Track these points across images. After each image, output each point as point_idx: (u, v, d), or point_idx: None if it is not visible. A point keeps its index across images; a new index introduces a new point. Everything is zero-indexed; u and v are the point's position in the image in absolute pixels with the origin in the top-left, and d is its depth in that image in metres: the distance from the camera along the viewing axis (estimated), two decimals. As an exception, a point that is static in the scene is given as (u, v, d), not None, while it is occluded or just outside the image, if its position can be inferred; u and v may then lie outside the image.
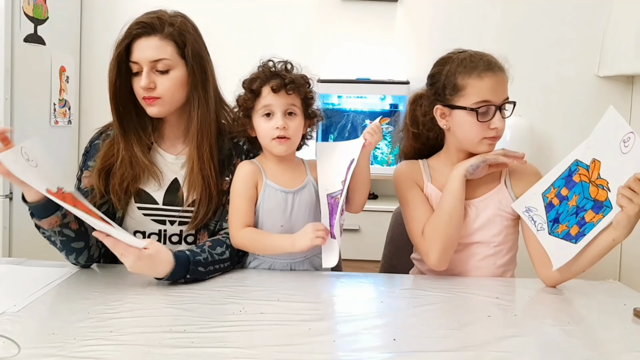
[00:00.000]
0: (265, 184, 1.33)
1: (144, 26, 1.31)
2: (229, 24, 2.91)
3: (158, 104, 1.33)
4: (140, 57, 1.31)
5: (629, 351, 0.93)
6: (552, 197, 1.30)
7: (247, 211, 1.32)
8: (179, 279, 1.21)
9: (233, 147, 1.42)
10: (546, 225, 1.29)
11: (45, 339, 0.91)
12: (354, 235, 2.50)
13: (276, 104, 1.30)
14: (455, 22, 2.86)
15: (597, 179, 1.22)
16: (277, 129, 1.29)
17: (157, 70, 1.31)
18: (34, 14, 2.38)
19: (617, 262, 2.83)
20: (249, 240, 1.31)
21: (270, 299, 1.15)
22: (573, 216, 1.25)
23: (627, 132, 1.18)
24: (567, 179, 1.28)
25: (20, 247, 2.28)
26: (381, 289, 1.28)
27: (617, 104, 2.80)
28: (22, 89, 2.30)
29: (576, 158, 1.28)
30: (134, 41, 1.31)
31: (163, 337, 0.93)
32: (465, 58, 1.34)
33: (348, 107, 2.79)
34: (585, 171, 1.26)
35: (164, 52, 1.31)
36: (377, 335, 1.00)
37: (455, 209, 1.32)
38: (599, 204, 1.22)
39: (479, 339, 0.98)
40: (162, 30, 1.31)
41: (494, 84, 1.30)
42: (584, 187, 1.25)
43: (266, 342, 0.93)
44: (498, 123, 1.30)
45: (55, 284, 1.21)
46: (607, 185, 1.20)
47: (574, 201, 1.26)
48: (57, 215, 1.21)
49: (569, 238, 1.25)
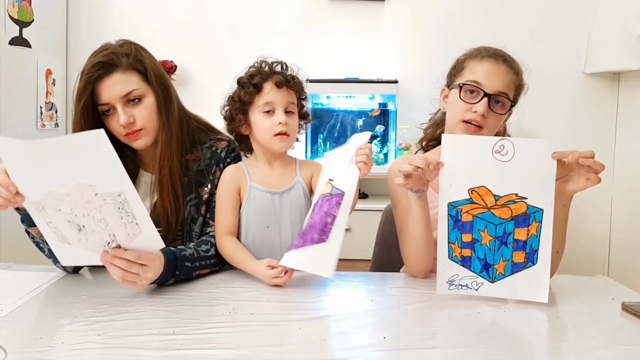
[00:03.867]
0: (250, 186, 1.34)
1: (102, 66, 1.27)
2: (216, 25, 2.90)
3: (143, 135, 1.32)
4: (109, 96, 1.28)
5: (617, 345, 0.94)
6: (460, 252, 1.16)
7: (228, 216, 1.33)
8: (169, 279, 1.20)
9: (211, 156, 1.42)
10: (482, 279, 1.16)
11: (33, 343, 0.91)
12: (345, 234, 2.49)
13: (278, 100, 1.30)
14: (441, 21, 2.87)
15: (498, 200, 1.12)
16: (279, 125, 1.29)
17: (129, 101, 1.30)
18: (19, 16, 2.37)
19: (606, 258, 2.86)
20: (226, 251, 1.31)
21: (260, 299, 1.15)
22: (503, 248, 1.14)
23: (494, 142, 1.11)
24: (457, 225, 1.15)
25: (8, 252, 2.26)
26: (371, 288, 1.28)
27: (603, 100, 2.84)
28: (7, 92, 2.28)
29: (447, 202, 1.15)
30: (96, 84, 1.28)
31: (152, 340, 0.92)
32: (479, 47, 1.36)
33: (337, 107, 2.79)
34: (471, 205, 1.14)
35: (131, 83, 1.29)
36: (367, 333, 1.00)
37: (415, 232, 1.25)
38: (522, 216, 1.12)
39: (468, 336, 0.98)
40: (121, 64, 1.29)
41: (490, 69, 1.30)
42: (486, 216, 1.14)
43: (256, 342, 0.93)
44: (480, 108, 1.27)
45: (42, 288, 1.20)
46: (518, 195, 1.12)
47: (486, 236, 1.14)
48: None
49: (521, 267, 1.13)
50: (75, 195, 1.04)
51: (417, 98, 2.72)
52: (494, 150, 1.11)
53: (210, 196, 1.38)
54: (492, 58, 1.31)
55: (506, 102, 1.31)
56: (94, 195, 1.04)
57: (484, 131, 1.30)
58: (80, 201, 1.04)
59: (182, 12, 2.91)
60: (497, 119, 1.31)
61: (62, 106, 2.76)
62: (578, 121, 2.83)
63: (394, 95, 2.69)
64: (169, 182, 1.34)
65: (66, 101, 2.84)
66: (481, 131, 1.30)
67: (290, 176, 1.37)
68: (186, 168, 1.38)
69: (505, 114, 1.34)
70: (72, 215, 1.06)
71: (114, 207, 1.05)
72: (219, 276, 1.31)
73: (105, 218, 1.06)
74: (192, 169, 1.39)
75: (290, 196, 1.34)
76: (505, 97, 1.31)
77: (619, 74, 2.81)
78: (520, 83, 1.35)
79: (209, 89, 2.76)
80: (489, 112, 1.29)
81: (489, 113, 1.29)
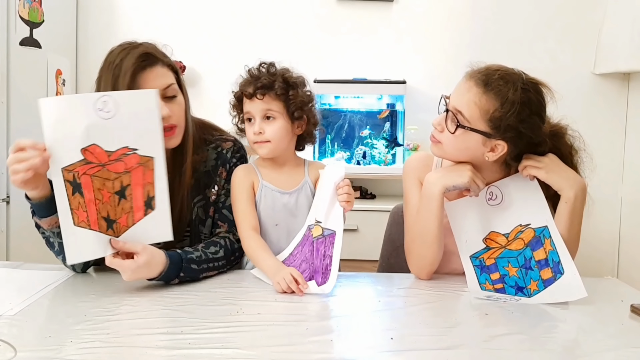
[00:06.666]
0: (262, 184, 1.36)
1: (147, 57, 1.26)
2: (225, 25, 2.91)
3: (177, 134, 1.31)
4: (152, 87, 1.22)
5: (626, 347, 0.94)
6: (493, 287, 1.23)
7: (249, 212, 1.34)
8: (172, 279, 1.21)
9: (217, 157, 1.42)
10: (519, 297, 1.19)
11: (42, 342, 0.91)
12: (352, 235, 2.50)
13: (252, 109, 1.32)
14: (449, 21, 2.86)
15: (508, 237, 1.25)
16: (253, 135, 1.33)
17: (166, 97, 1.28)
18: (30, 17, 2.38)
19: (615, 259, 2.84)
20: (249, 250, 1.31)
21: (267, 299, 1.15)
22: (530, 272, 1.21)
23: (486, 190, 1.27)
24: (484, 270, 1.25)
25: (18, 251, 2.28)
26: (379, 289, 1.28)
27: (613, 101, 2.82)
28: (18, 92, 2.30)
29: (469, 256, 1.27)
30: (138, 75, 1.24)
31: (160, 339, 0.93)
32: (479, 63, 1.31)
33: (345, 107, 2.79)
34: (489, 252, 1.26)
35: (170, 77, 1.30)
36: (374, 334, 1.00)
37: (431, 232, 1.26)
38: (534, 240, 1.22)
39: (476, 337, 0.98)
40: (162, 58, 1.29)
41: (459, 86, 1.24)
42: (505, 254, 1.24)
43: (264, 342, 0.93)
44: (436, 121, 1.25)
45: (52, 287, 1.21)
46: (523, 225, 1.24)
47: (512, 269, 1.23)
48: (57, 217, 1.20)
49: (552, 280, 1.18)
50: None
51: (425, 98, 2.72)
52: (487, 199, 1.27)
53: (217, 197, 1.39)
54: (467, 75, 1.24)
55: (454, 121, 1.20)
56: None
57: (443, 146, 1.25)
58: None
59: (191, 12, 2.92)
60: (451, 137, 1.22)
61: (71, 106, 2.77)
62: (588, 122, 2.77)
63: (402, 95, 2.68)
64: (184, 181, 1.34)
65: (76, 101, 2.86)
66: (440, 145, 1.25)
67: (299, 177, 1.38)
68: (193, 170, 1.38)
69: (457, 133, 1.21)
70: None
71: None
72: (227, 276, 1.31)
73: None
74: (199, 170, 1.39)
75: (299, 196, 1.36)
76: (457, 115, 1.20)
77: (629, 74, 2.79)
78: (496, 107, 1.18)
79: (216, 89, 2.77)
80: (444, 126, 1.22)
81: (443, 127, 1.23)
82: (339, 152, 2.77)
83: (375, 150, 2.75)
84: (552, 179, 1.22)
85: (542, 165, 1.22)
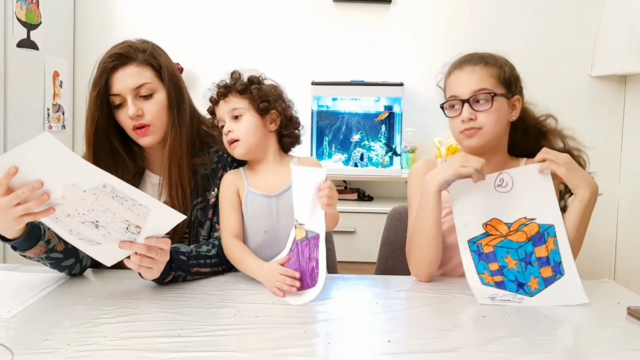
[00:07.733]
0: (247, 190, 1.35)
1: (118, 57, 1.30)
2: (222, 28, 2.91)
3: (150, 132, 1.34)
4: (121, 87, 1.31)
5: (622, 350, 0.94)
6: (492, 279, 1.22)
7: (232, 219, 1.34)
8: (167, 274, 1.20)
9: (218, 160, 1.42)
10: (520, 295, 1.20)
11: (39, 344, 0.91)
12: (350, 237, 2.50)
13: (221, 113, 1.36)
14: (448, 22, 2.87)
15: (510, 227, 1.23)
16: (224, 135, 1.35)
17: (140, 96, 1.32)
18: (27, 19, 2.38)
19: (612, 262, 2.84)
20: (232, 255, 1.31)
21: (264, 302, 1.15)
22: (529, 268, 1.21)
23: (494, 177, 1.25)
24: (482, 258, 1.24)
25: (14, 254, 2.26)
26: (376, 291, 1.28)
27: (610, 103, 2.83)
28: (15, 94, 2.29)
29: (467, 240, 1.25)
30: (110, 75, 1.31)
31: (157, 342, 0.93)
32: (454, 61, 1.38)
33: (342, 110, 2.79)
34: (488, 238, 1.24)
35: (143, 77, 1.32)
36: (371, 337, 1.00)
37: (428, 231, 1.28)
38: (537, 236, 1.22)
39: (473, 340, 0.98)
40: (136, 58, 1.32)
41: (457, 78, 1.33)
42: (504, 244, 1.23)
43: (261, 345, 0.93)
44: (465, 114, 1.29)
45: (48, 290, 1.20)
46: (527, 218, 1.23)
47: (511, 261, 1.22)
48: (41, 245, 1.19)
49: (552, 280, 1.19)
50: (69, 195, 1.04)
51: (423, 101, 2.72)
52: (496, 185, 1.25)
53: (217, 200, 1.39)
54: (458, 68, 1.34)
55: (488, 96, 1.29)
56: (84, 192, 1.03)
57: (483, 130, 1.30)
58: (77, 199, 1.04)
59: (189, 14, 2.92)
60: (489, 114, 1.29)
61: (69, 108, 2.77)
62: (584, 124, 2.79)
63: (399, 97, 2.68)
64: (178, 181, 1.34)
65: (73, 103, 2.86)
66: (481, 131, 1.30)
67: (286, 177, 1.33)
68: (193, 172, 1.38)
69: (494, 107, 1.30)
70: (80, 215, 1.07)
71: (109, 196, 1.05)
72: (224, 278, 1.31)
73: (108, 208, 1.06)
74: (199, 173, 1.39)
75: (287, 198, 1.33)
76: (484, 92, 1.30)
77: (626, 77, 2.80)
78: (501, 70, 1.33)
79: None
80: (476, 113, 1.30)
81: (476, 114, 1.30)
82: (337, 154, 2.77)
83: (373, 152, 2.75)
84: (570, 177, 1.23)
85: (562, 162, 1.23)
